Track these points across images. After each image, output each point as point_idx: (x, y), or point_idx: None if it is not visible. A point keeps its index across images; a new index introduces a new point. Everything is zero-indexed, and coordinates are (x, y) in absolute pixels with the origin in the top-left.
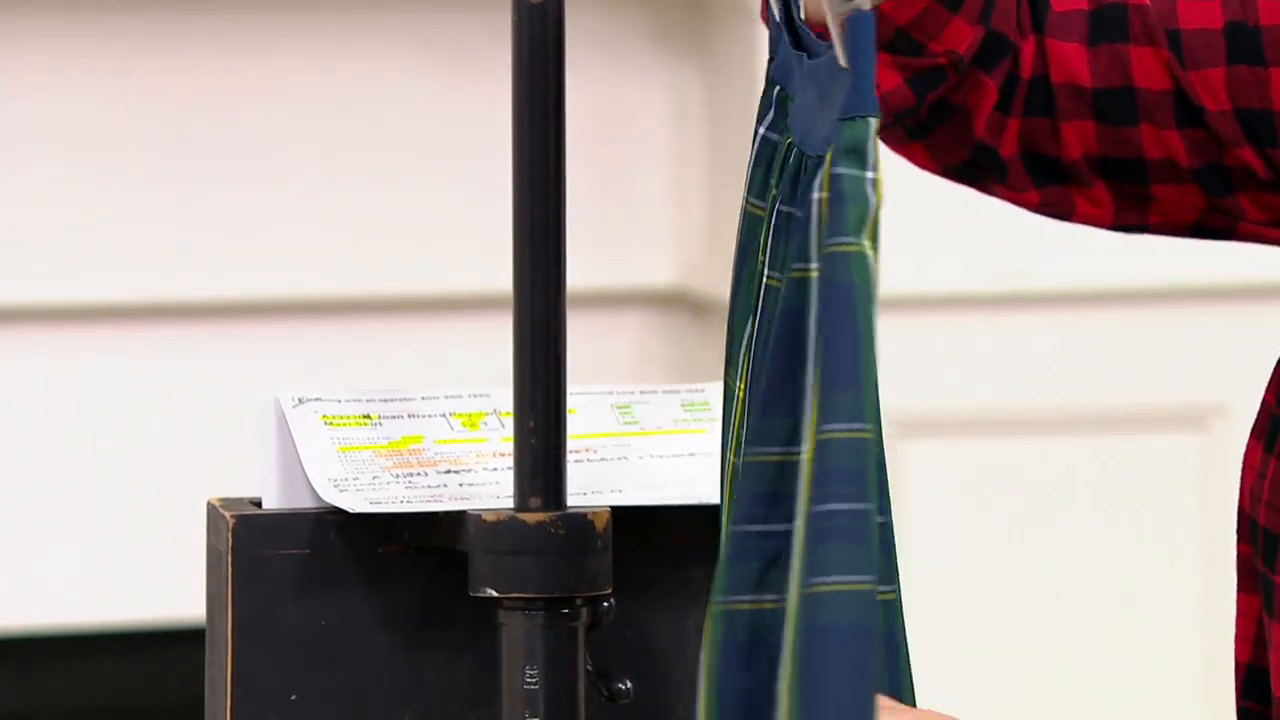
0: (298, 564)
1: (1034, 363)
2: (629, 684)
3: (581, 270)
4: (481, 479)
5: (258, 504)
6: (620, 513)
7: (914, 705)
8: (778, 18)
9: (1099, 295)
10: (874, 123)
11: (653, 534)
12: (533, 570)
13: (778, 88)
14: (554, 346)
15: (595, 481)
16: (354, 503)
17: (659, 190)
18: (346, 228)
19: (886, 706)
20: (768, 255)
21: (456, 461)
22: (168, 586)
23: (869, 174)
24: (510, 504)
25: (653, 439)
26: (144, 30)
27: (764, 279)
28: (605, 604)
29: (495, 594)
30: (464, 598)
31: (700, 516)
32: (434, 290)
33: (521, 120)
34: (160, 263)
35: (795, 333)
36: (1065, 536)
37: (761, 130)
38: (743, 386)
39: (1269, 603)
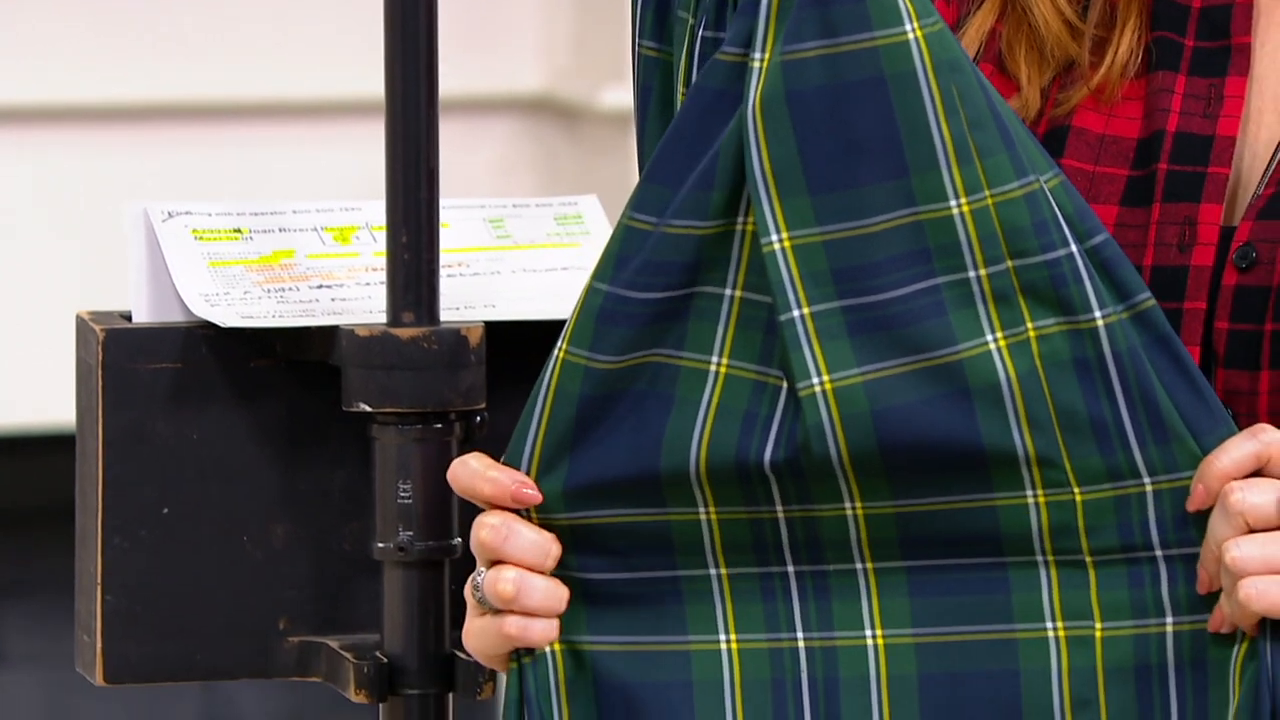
0: (168, 378)
1: None
2: (485, 416)
3: (447, 75)
4: (354, 294)
5: (128, 318)
6: (494, 327)
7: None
8: None
9: None
10: None
11: (526, 348)
12: (406, 385)
13: None
14: (427, 161)
15: (468, 296)
16: (225, 317)
17: None
18: (219, 31)
19: None
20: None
21: (328, 276)
22: (40, 393)
23: None
24: (383, 319)
25: (526, 253)
26: None
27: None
28: (479, 418)
29: (368, 408)
30: (337, 412)
31: None
32: (307, 96)
33: None
34: (29, 63)
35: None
36: None
37: None
38: None
39: None
